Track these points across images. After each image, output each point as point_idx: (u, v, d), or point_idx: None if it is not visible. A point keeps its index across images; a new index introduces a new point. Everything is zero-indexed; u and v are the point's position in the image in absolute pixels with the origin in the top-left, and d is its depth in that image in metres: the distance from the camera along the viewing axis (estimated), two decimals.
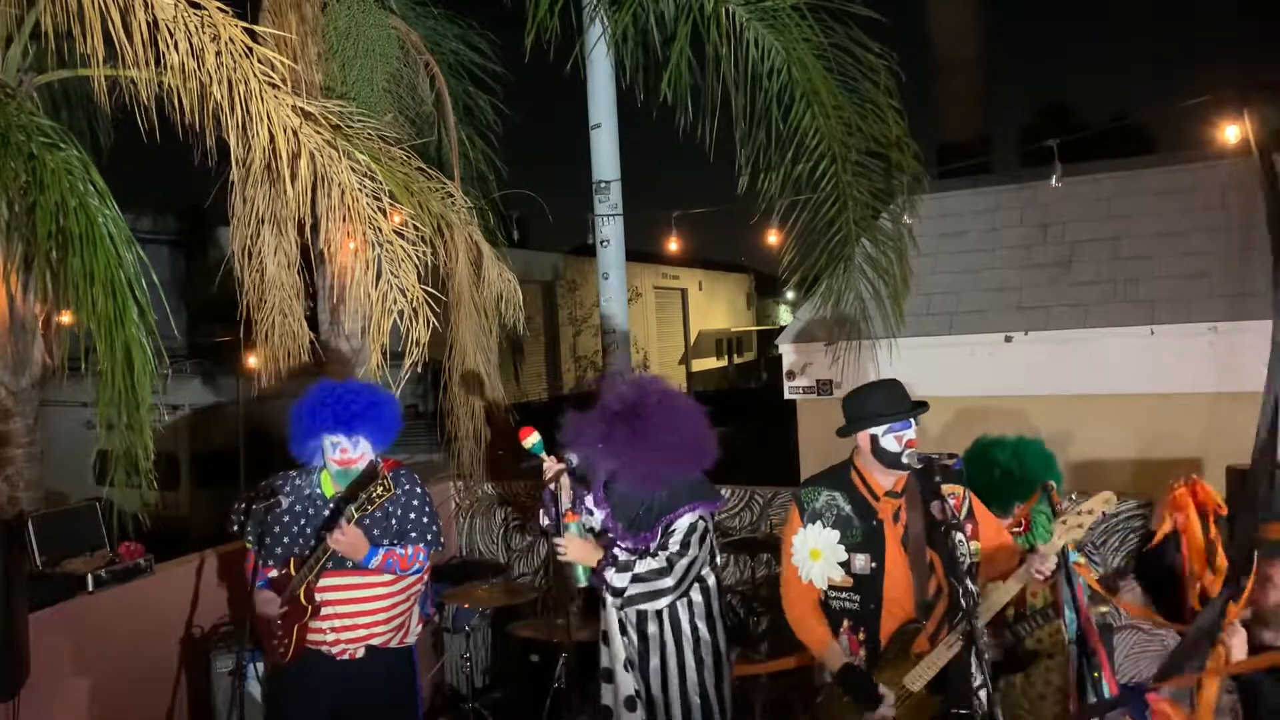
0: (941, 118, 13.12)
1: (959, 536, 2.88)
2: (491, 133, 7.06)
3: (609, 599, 3.33)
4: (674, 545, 3.28)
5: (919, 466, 2.98)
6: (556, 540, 3.32)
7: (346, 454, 3.41)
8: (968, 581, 2.79)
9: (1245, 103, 5.92)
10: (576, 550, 3.31)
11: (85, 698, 3.97)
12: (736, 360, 30.37)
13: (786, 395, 7.36)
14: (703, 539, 3.35)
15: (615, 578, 3.26)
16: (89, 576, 4.04)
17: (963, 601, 2.78)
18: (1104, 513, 2.89)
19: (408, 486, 3.54)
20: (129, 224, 4.37)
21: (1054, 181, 6.57)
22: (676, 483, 3.33)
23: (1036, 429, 4.02)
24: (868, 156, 5.74)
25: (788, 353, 7.35)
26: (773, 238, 6.48)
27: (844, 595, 3.05)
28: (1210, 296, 6.13)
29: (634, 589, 3.26)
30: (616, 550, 3.32)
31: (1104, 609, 3.73)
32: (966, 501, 3.09)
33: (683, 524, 3.31)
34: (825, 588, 3.07)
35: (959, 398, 6.40)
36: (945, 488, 2.98)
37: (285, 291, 5.50)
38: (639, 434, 3.26)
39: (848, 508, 3.07)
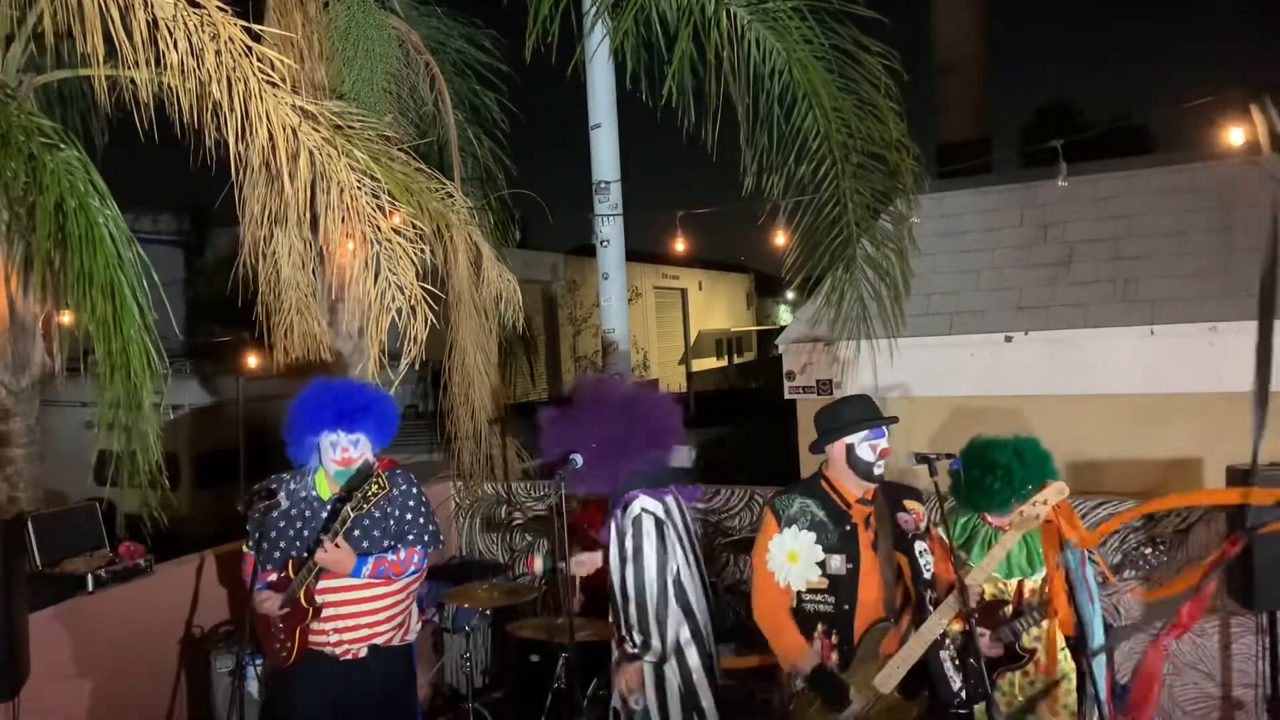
0: (942, 118, 13.13)
1: (921, 546, 3.04)
2: (499, 130, 7.06)
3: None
4: (630, 549, 3.26)
5: (886, 482, 3.15)
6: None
7: (347, 453, 3.41)
8: (929, 591, 2.89)
9: (1254, 100, 5.92)
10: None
11: (85, 698, 3.97)
12: (736, 360, 30.38)
13: (786, 395, 7.36)
14: (658, 533, 3.26)
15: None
16: (89, 576, 4.04)
17: (929, 607, 2.92)
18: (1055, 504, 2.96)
19: (404, 486, 3.53)
20: (129, 224, 4.36)
21: (1060, 182, 6.57)
22: (628, 473, 3.31)
23: (1036, 429, 4.01)
24: (868, 158, 5.74)
25: (788, 353, 7.35)
26: (776, 238, 6.48)
27: (819, 598, 3.15)
28: (1210, 296, 6.13)
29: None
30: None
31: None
32: (926, 520, 3.21)
33: (630, 515, 3.29)
34: (802, 589, 3.16)
35: (958, 397, 6.40)
36: (906, 503, 3.16)
37: (301, 291, 5.51)
38: (585, 431, 3.26)
39: (821, 513, 3.19)
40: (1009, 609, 3.23)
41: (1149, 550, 3.29)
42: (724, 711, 3.38)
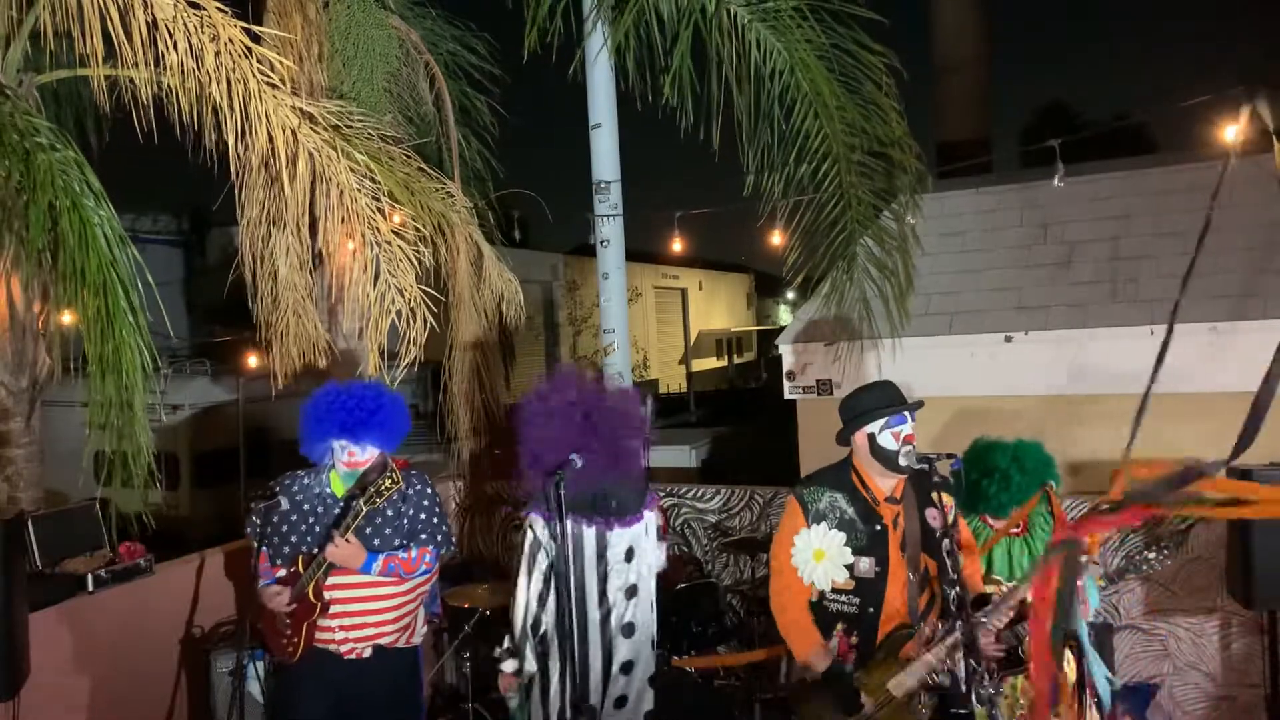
0: (942, 118, 13.13)
1: (949, 545, 2.89)
2: (488, 133, 7.07)
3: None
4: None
5: (918, 466, 2.97)
6: None
7: (354, 457, 3.44)
8: (960, 588, 2.80)
9: (1250, 95, 5.89)
10: None
11: (85, 698, 3.97)
12: (736, 360, 30.40)
13: (786, 395, 7.36)
14: (531, 554, 3.07)
15: None
16: (89, 576, 4.04)
17: (954, 607, 2.78)
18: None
19: (419, 486, 3.55)
20: (129, 224, 4.36)
21: (1056, 181, 6.56)
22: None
23: (1036, 429, 4.02)
24: (870, 156, 5.73)
25: (788, 353, 7.35)
26: (776, 238, 6.47)
27: (843, 598, 3.03)
28: (1210, 296, 6.13)
29: None
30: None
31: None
32: (953, 512, 3.09)
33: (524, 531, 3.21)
34: (827, 589, 3.05)
35: (958, 398, 6.39)
36: (935, 495, 3.02)
37: (298, 293, 5.50)
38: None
39: (850, 510, 3.04)
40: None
41: (1151, 554, 3.29)
42: (724, 711, 3.35)
